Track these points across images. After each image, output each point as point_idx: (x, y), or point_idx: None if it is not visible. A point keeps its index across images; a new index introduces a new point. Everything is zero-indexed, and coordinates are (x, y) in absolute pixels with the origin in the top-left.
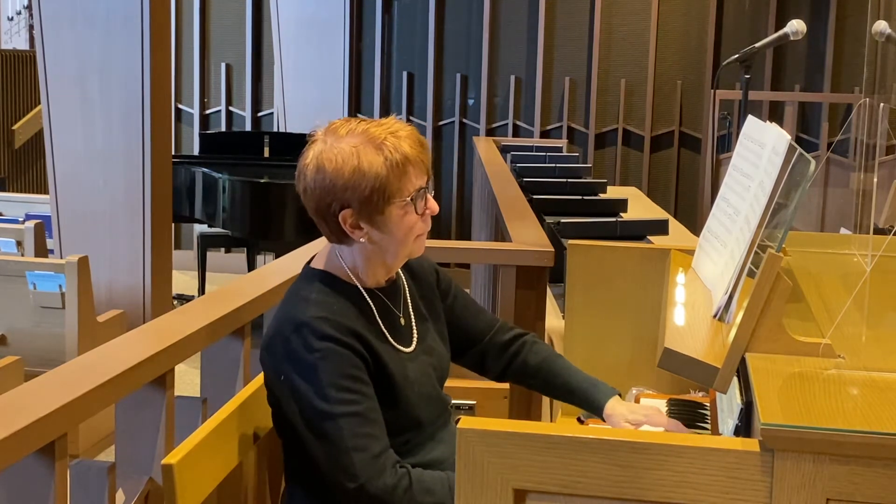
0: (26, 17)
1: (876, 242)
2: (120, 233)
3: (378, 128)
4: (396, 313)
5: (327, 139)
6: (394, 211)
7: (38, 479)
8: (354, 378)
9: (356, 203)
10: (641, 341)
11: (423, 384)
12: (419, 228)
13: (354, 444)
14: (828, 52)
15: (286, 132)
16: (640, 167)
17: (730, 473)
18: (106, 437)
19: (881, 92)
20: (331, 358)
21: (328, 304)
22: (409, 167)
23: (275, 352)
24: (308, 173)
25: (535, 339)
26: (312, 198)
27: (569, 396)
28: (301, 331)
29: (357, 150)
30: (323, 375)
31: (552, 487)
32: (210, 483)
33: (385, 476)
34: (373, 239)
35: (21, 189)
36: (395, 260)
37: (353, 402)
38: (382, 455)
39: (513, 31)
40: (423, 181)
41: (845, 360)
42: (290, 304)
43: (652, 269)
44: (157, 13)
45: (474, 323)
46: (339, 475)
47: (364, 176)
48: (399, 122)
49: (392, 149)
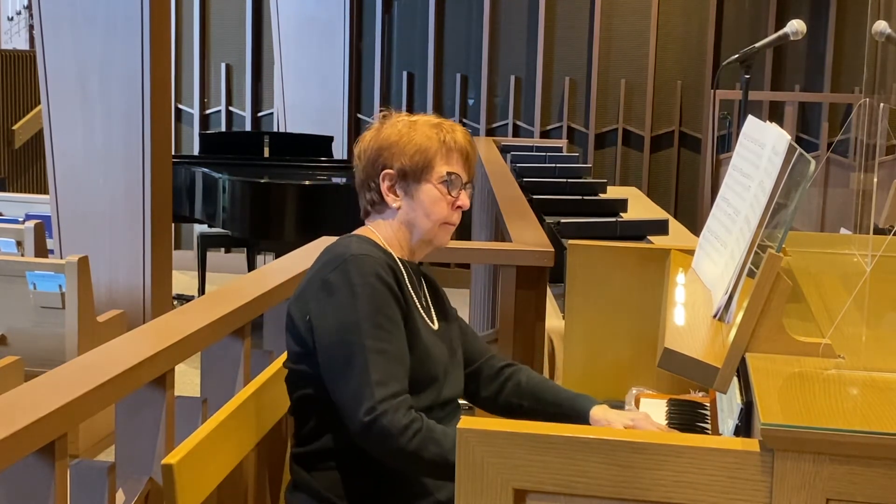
0: (26, 17)
1: (876, 242)
2: (120, 233)
3: (439, 118)
4: (421, 291)
5: (389, 118)
6: (429, 188)
7: (38, 479)
8: (389, 318)
9: (398, 165)
10: (641, 341)
11: (442, 351)
12: (447, 213)
13: (378, 378)
14: (828, 52)
15: (286, 132)
16: (640, 167)
17: (730, 473)
18: (106, 437)
19: (881, 92)
20: (371, 293)
21: (370, 250)
22: (455, 152)
23: (308, 295)
24: (365, 139)
25: (528, 368)
26: (364, 159)
27: (556, 409)
28: (344, 266)
29: (414, 124)
30: (361, 308)
31: (552, 487)
32: (210, 483)
33: (399, 414)
34: (403, 207)
35: (21, 189)
36: (419, 240)
37: (385, 340)
38: (402, 395)
39: (513, 31)
40: (464, 174)
41: (845, 360)
42: (328, 253)
43: (652, 269)
44: (157, 13)
45: (471, 345)
46: (356, 405)
47: (412, 141)
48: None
49: (447, 131)
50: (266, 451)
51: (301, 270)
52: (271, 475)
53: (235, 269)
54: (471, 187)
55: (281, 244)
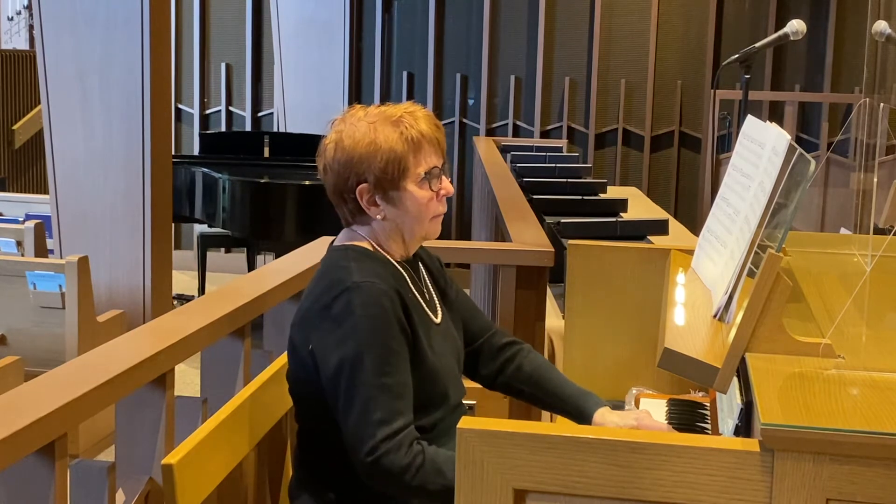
0: (26, 17)
1: (876, 242)
2: (120, 233)
3: (395, 108)
4: (422, 286)
5: (347, 120)
6: (409, 187)
7: (38, 479)
8: (393, 350)
9: (372, 177)
10: (641, 341)
11: (448, 358)
12: (434, 208)
13: (380, 417)
14: (828, 52)
15: (286, 132)
16: (640, 167)
17: (730, 473)
18: (106, 437)
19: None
20: (374, 326)
21: (370, 269)
22: (424, 144)
23: (309, 323)
24: (328, 151)
25: (531, 349)
26: (332, 174)
27: (559, 404)
28: (347, 294)
29: (374, 126)
30: (363, 341)
31: (552, 487)
32: (210, 483)
33: (401, 453)
34: (388, 216)
35: (21, 189)
36: (411, 239)
37: (388, 374)
38: (404, 431)
39: (513, 31)
40: (438, 161)
41: (845, 360)
42: (327, 275)
43: (652, 269)
44: (157, 13)
45: (472, 322)
46: (358, 445)
47: (380, 149)
48: (416, 105)
49: (408, 125)
50: (266, 451)
51: (301, 270)
52: (271, 475)
53: (235, 269)
54: (446, 166)
55: (281, 244)
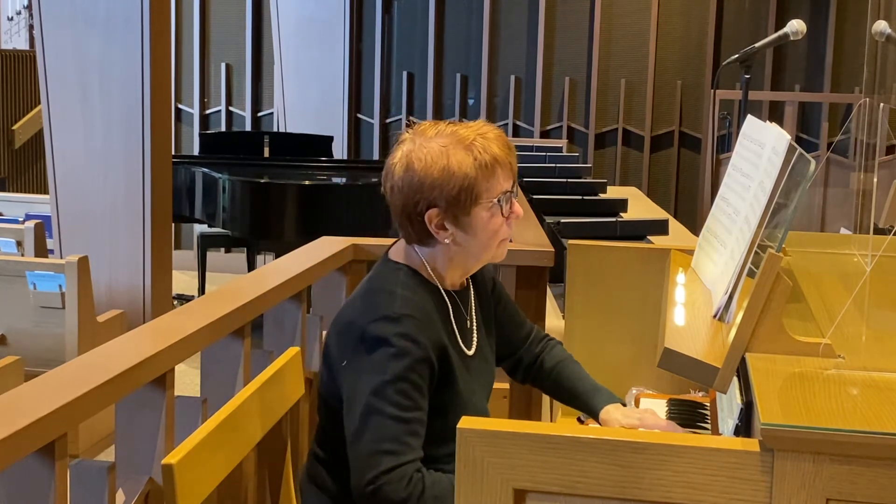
0: (26, 17)
1: (876, 242)
2: (120, 233)
3: (467, 129)
4: (465, 316)
5: (416, 139)
6: (480, 212)
7: (38, 479)
8: (416, 386)
9: (443, 202)
10: (641, 341)
11: (478, 393)
12: (504, 232)
13: (389, 447)
14: (828, 52)
15: (286, 132)
16: (640, 167)
17: (730, 473)
18: (106, 437)
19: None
20: (402, 358)
21: (414, 302)
22: (497, 168)
23: (347, 339)
24: (396, 172)
25: (554, 344)
26: (400, 196)
27: (572, 400)
28: (384, 323)
29: (447, 150)
30: (389, 372)
31: (552, 487)
32: (210, 483)
33: (401, 485)
34: (457, 241)
35: (21, 189)
36: (476, 263)
37: (406, 409)
38: (409, 465)
39: (513, 31)
40: (509, 184)
41: (845, 360)
42: (375, 294)
43: (652, 269)
44: (157, 13)
45: (517, 332)
46: (363, 470)
47: (453, 175)
48: (488, 125)
49: (481, 149)
50: (266, 451)
51: (301, 270)
52: (271, 475)
53: (235, 269)
54: (517, 187)
55: (281, 244)
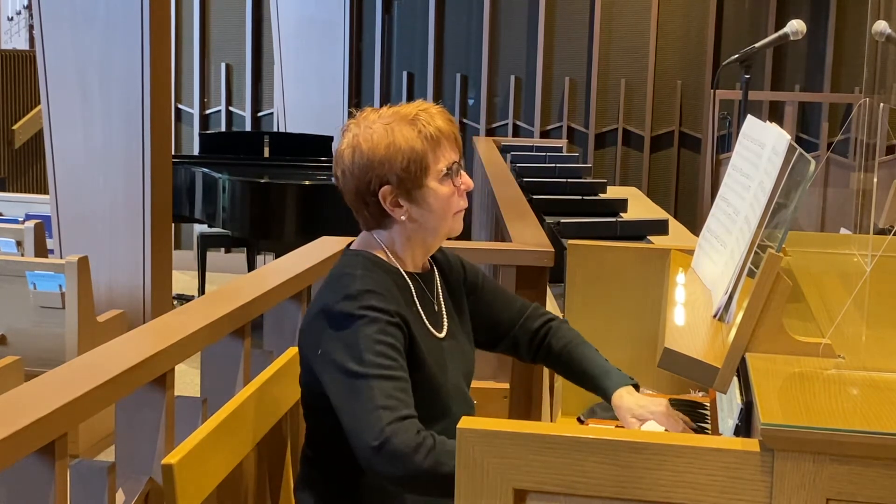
0: (26, 17)
1: (876, 242)
2: (120, 233)
3: (408, 107)
4: (431, 299)
5: (361, 124)
6: (431, 184)
7: (38, 479)
8: (391, 346)
9: (395, 178)
10: (641, 341)
11: (452, 373)
12: (457, 203)
13: (384, 403)
14: (828, 52)
15: (286, 132)
16: (640, 167)
17: (730, 473)
18: (106, 437)
19: (881, 92)
20: (372, 324)
21: (374, 279)
22: (442, 140)
23: (315, 328)
24: (346, 156)
25: (560, 324)
26: (352, 179)
27: (584, 382)
28: (347, 301)
29: (391, 127)
30: (362, 340)
31: (552, 487)
32: (210, 483)
33: (410, 434)
34: (413, 216)
35: (21, 189)
36: (434, 238)
37: (388, 368)
38: (409, 419)
39: (513, 31)
40: (456, 156)
41: (845, 360)
42: (336, 280)
43: (652, 269)
44: (157, 13)
45: (503, 314)
46: (363, 433)
47: (400, 149)
48: (427, 102)
49: (425, 122)
50: (266, 451)
51: (301, 270)
52: (271, 475)
53: (235, 269)
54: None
55: (281, 244)
